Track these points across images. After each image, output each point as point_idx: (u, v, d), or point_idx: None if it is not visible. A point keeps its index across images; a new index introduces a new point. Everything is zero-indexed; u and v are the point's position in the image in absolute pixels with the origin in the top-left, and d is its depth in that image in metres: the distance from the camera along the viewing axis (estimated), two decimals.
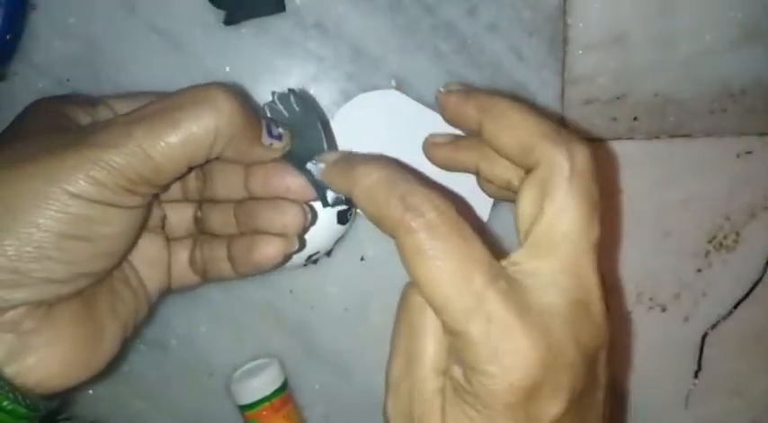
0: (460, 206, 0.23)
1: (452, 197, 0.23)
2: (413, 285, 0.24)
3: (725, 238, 0.45)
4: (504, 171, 0.26)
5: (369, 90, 0.39)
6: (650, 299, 0.45)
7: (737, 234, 0.45)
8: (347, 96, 0.39)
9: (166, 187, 0.27)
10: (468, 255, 0.21)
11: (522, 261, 0.23)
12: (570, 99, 0.42)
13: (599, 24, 0.41)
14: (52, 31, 0.37)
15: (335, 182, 0.26)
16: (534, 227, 0.23)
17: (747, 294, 0.46)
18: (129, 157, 0.23)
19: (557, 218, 0.22)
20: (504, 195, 0.28)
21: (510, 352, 0.21)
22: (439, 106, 0.27)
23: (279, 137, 0.27)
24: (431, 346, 0.23)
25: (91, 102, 0.28)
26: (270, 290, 0.41)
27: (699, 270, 0.45)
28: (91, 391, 0.41)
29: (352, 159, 0.25)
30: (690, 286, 0.45)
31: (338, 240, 0.38)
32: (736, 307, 0.46)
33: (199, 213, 0.31)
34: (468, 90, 0.27)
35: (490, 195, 0.29)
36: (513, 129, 0.24)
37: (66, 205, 0.22)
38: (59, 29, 0.37)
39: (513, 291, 0.21)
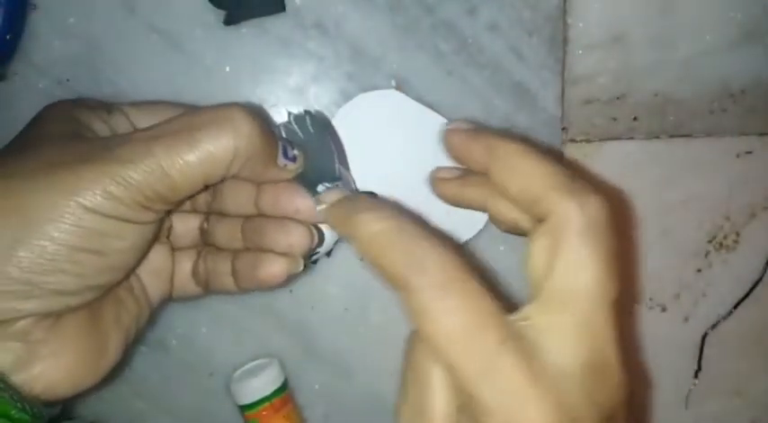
0: (468, 258, 0.21)
1: (459, 249, 0.21)
2: (417, 338, 0.22)
3: (725, 238, 0.45)
4: (513, 212, 0.25)
5: (369, 90, 0.39)
6: (650, 299, 0.45)
7: (737, 234, 0.45)
8: (347, 96, 0.39)
9: (180, 204, 0.27)
10: (478, 314, 0.20)
11: (533, 316, 0.21)
12: (570, 99, 0.42)
13: (599, 24, 0.41)
14: (52, 31, 0.37)
15: (335, 225, 0.25)
16: (546, 281, 0.21)
17: (747, 294, 0.46)
18: (147, 174, 0.23)
19: (569, 274, 0.21)
20: (516, 232, 0.26)
21: (524, 419, 0.19)
22: (443, 143, 0.26)
23: (293, 158, 0.27)
24: (440, 399, 0.21)
25: (106, 108, 0.28)
26: (270, 290, 0.41)
27: (699, 270, 0.45)
28: None
29: (355, 203, 0.24)
30: (690, 286, 0.45)
31: (338, 240, 0.38)
32: (736, 307, 0.46)
33: (205, 225, 0.31)
34: (476, 128, 0.26)
35: (501, 230, 0.28)
36: (522, 175, 0.23)
37: (80, 219, 0.22)
38: (59, 29, 0.37)
39: (526, 351, 0.20)
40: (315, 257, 0.38)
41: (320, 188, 0.28)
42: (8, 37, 0.35)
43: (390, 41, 0.39)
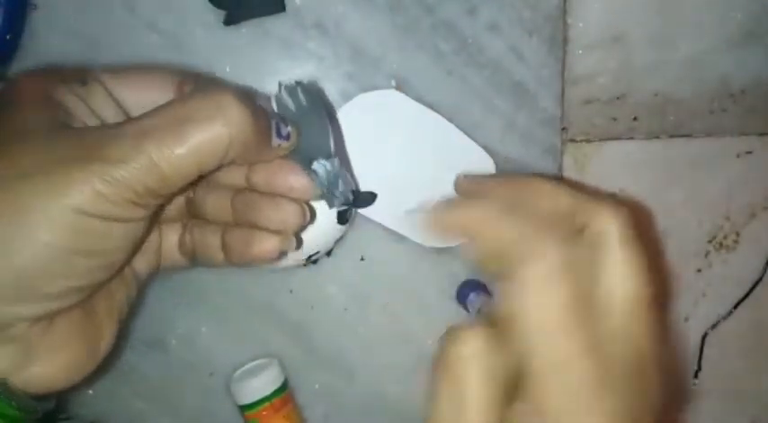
0: None
1: None
2: (451, 337, 0.22)
3: (725, 238, 0.45)
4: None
5: (369, 90, 0.39)
6: None
7: (737, 234, 0.45)
8: (347, 96, 0.39)
9: (172, 197, 0.26)
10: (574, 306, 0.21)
11: None
12: (570, 99, 0.42)
13: (599, 24, 0.41)
14: (52, 31, 0.37)
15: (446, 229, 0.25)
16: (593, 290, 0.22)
17: (747, 294, 0.46)
18: (138, 171, 0.23)
19: (614, 283, 0.22)
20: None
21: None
22: (456, 187, 0.27)
23: (287, 136, 0.27)
24: (480, 393, 0.21)
25: (80, 79, 0.27)
26: (270, 290, 0.41)
27: (699, 270, 0.45)
28: (91, 391, 0.41)
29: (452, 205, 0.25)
30: (690, 286, 0.45)
31: (338, 240, 0.38)
32: (736, 307, 0.46)
33: (191, 194, 0.31)
34: (484, 176, 0.27)
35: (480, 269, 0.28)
36: (552, 197, 0.24)
37: (72, 222, 0.22)
38: (59, 29, 0.37)
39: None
40: (315, 257, 0.38)
41: (315, 165, 0.28)
42: (8, 37, 0.35)
43: (390, 41, 0.39)
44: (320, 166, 0.28)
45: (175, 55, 0.38)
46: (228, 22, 0.37)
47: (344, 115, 0.39)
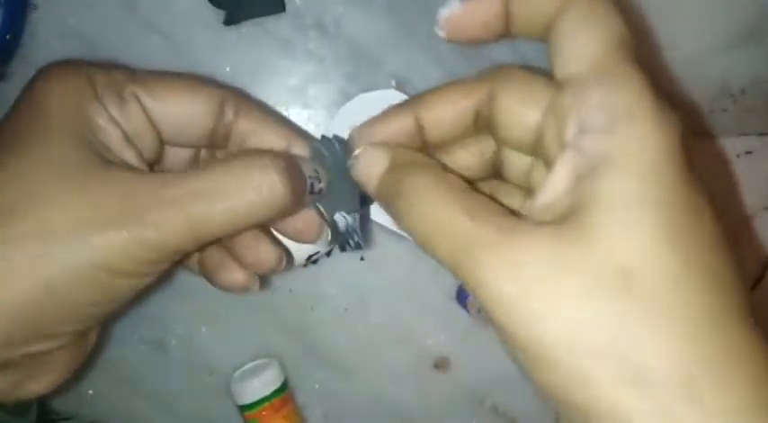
0: None
1: None
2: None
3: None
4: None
5: (369, 90, 0.39)
6: None
7: (738, 234, 0.45)
8: (347, 96, 0.39)
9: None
10: None
11: None
12: None
13: None
14: (52, 31, 0.37)
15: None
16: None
17: None
18: (173, 234, 0.22)
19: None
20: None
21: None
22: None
23: (319, 191, 0.27)
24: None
25: (119, 94, 0.25)
26: (269, 290, 0.41)
27: None
28: (91, 391, 0.41)
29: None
30: None
31: None
32: None
33: None
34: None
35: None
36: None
37: (91, 277, 0.22)
38: (59, 29, 0.37)
39: None
40: (315, 257, 0.38)
41: (337, 217, 0.28)
42: (8, 37, 0.35)
43: (390, 41, 0.39)
44: (342, 218, 0.28)
45: (175, 55, 0.38)
46: (228, 22, 0.37)
47: (344, 115, 0.39)
